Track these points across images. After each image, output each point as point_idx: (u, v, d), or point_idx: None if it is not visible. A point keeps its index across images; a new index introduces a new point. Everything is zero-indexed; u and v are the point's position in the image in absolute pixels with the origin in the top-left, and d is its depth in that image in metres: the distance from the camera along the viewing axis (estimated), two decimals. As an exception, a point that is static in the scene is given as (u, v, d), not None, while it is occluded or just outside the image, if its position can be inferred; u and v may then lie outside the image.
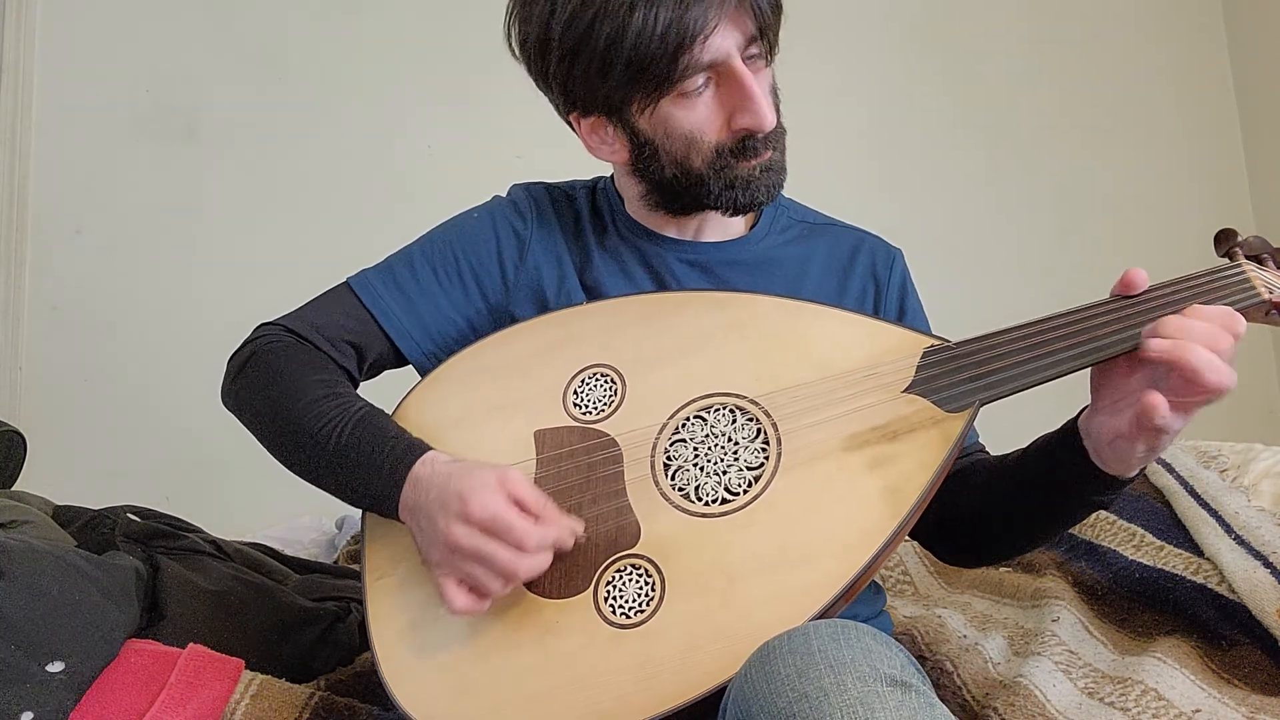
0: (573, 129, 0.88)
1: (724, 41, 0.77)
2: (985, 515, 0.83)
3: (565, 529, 0.70)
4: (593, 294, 0.90)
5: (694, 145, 0.81)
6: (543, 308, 0.89)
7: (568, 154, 0.96)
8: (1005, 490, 0.80)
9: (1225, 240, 0.80)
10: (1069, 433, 0.74)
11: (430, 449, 0.75)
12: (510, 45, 0.85)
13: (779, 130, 0.83)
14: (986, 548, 0.88)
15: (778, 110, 0.84)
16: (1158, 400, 0.63)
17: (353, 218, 2.12)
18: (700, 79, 0.78)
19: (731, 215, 0.88)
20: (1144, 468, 0.72)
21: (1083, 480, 0.73)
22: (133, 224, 2.06)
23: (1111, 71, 2.50)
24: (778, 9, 0.80)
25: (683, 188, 0.85)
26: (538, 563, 0.68)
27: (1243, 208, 2.47)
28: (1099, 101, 2.48)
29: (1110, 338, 0.69)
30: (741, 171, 0.82)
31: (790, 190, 1.03)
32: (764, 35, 0.79)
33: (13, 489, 1.28)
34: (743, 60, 0.79)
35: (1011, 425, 0.87)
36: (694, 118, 0.80)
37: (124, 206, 2.06)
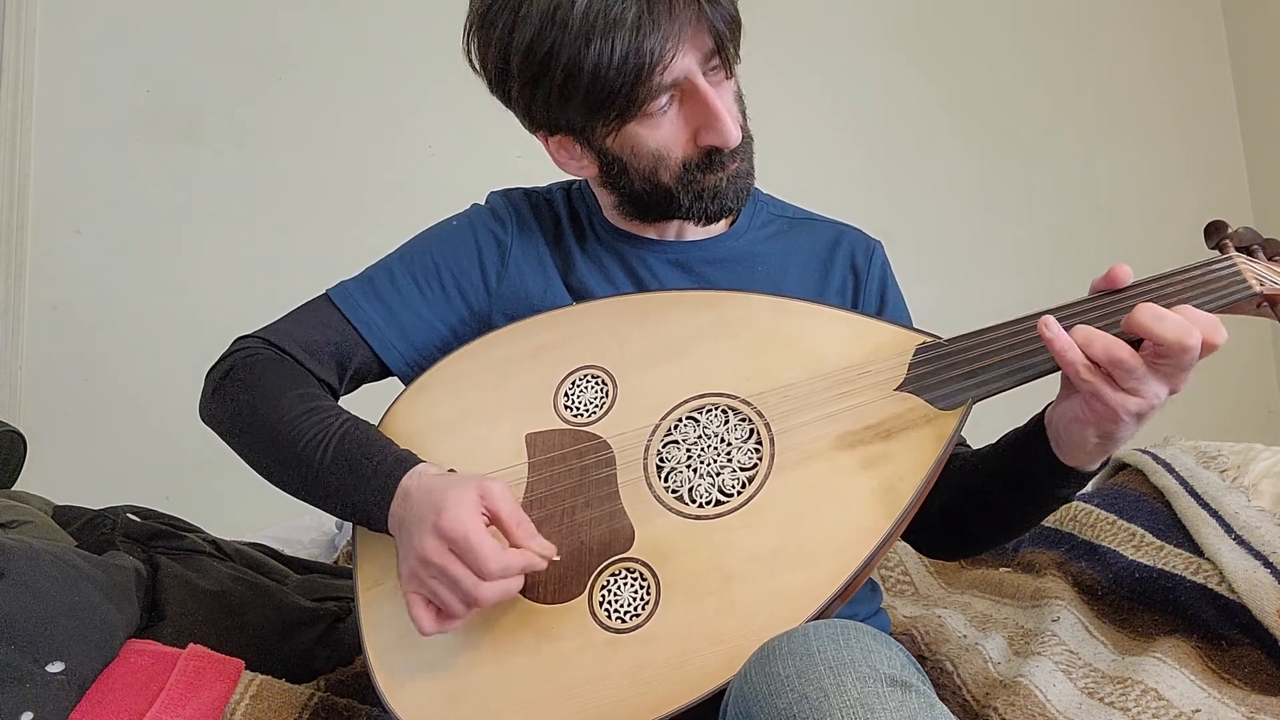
0: (540, 142, 0.88)
1: (684, 62, 0.75)
2: (960, 508, 0.83)
3: (536, 553, 0.69)
4: (577, 297, 0.90)
5: (661, 162, 0.81)
6: (528, 313, 0.88)
7: (566, 154, 0.96)
8: (977, 484, 0.81)
9: (1215, 233, 0.79)
10: (1035, 427, 0.74)
11: (419, 461, 0.75)
12: (470, 61, 0.84)
13: (745, 140, 0.83)
14: (962, 540, 0.89)
15: (745, 117, 0.84)
16: (1045, 319, 0.65)
17: (353, 218, 2.12)
18: (664, 99, 0.77)
19: (704, 224, 0.88)
20: (1103, 461, 0.72)
21: (1043, 471, 0.73)
22: (133, 224, 2.06)
23: (1110, 70, 2.49)
24: (735, 25, 0.79)
25: (653, 201, 0.85)
26: (500, 588, 0.67)
27: (1242, 208, 2.46)
28: (1097, 100, 2.47)
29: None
30: (709, 183, 0.82)
31: (782, 188, 1.03)
32: (723, 50, 0.78)
33: (13, 489, 1.28)
34: (705, 75, 0.78)
35: (1005, 421, 0.87)
36: (660, 136, 0.80)
37: (124, 206, 2.06)
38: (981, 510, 0.82)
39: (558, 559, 0.70)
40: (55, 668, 0.77)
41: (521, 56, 0.77)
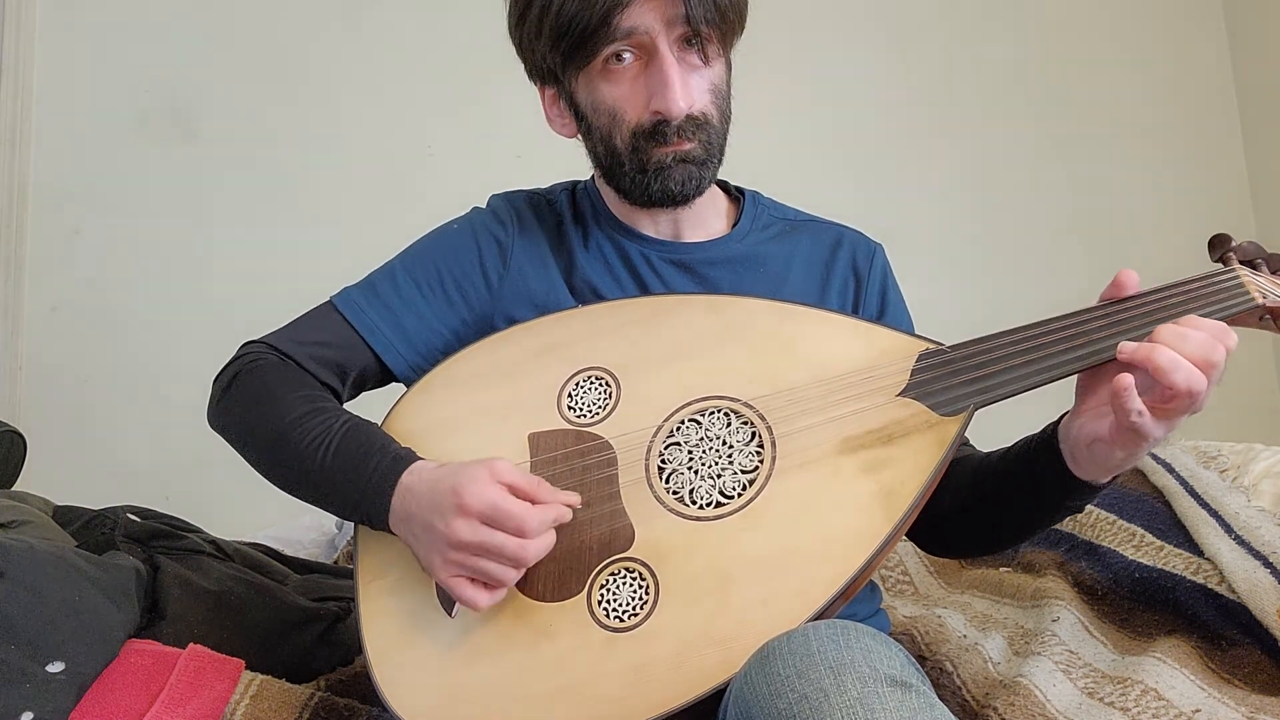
0: (539, 97, 0.91)
1: (645, 17, 0.79)
2: (966, 511, 0.83)
3: (562, 504, 0.71)
4: (580, 296, 0.91)
5: (615, 121, 0.83)
6: (530, 314, 0.89)
7: (568, 154, 0.96)
8: (986, 489, 0.81)
9: (1219, 245, 0.80)
10: (1048, 436, 0.74)
11: (417, 459, 0.75)
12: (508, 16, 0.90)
13: (701, 125, 0.83)
14: (967, 542, 0.89)
15: (722, 114, 0.85)
16: (1124, 379, 0.63)
17: (353, 218, 2.12)
18: (626, 54, 0.81)
19: (649, 206, 0.89)
20: (1116, 477, 0.72)
21: (1057, 485, 0.73)
22: (133, 224, 2.06)
23: (1112, 75, 2.49)
24: (720, 14, 0.81)
25: (607, 168, 0.87)
26: (543, 544, 0.69)
27: (1243, 210, 2.46)
28: (1100, 105, 2.47)
29: (1105, 342, 0.69)
30: (655, 157, 0.83)
31: (783, 190, 1.04)
32: (693, 26, 0.79)
33: (13, 489, 1.28)
34: (676, 50, 0.80)
35: (1006, 426, 0.87)
36: (617, 93, 0.82)
37: (124, 207, 2.06)
38: (990, 514, 0.83)
39: (580, 506, 0.72)
40: (55, 668, 0.77)
41: None
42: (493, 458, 0.72)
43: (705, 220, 0.94)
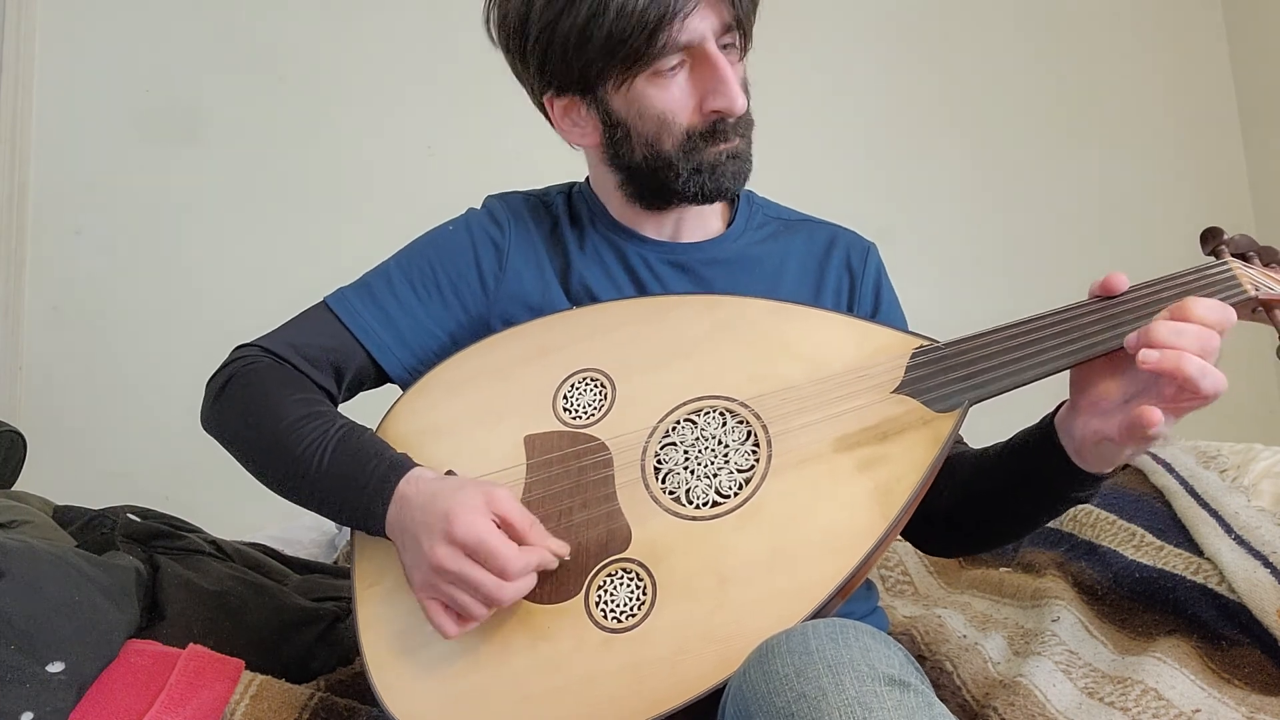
0: (546, 114, 0.89)
1: (701, 24, 0.79)
2: (964, 509, 0.83)
3: (549, 551, 0.70)
4: (575, 298, 0.90)
5: (665, 126, 0.83)
6: (525, 316, 0.89)
7: (568, 154, 0.96)
8: (984, 485, 0.81)
9: (1211, 238, 0.80)
10: (1046, 430, 0.74)
11: (415, 466, 0.75)
12: (488, 28, 0.87)
13: (748, 120, 0.85)
14: (966, 540, 0.89)
15: (749, 103, 0.85)
16: (1154, 414, 0.62)
17: (353, 218, 2.12)
18: (675, 59, 0.80)
19: (699, 203, 0.88)
20: (1125, 464, 0.72)
21: (1061, 478, 0.73)
22: (133, 224, 2.06)
23: (1111, 73, 2.49)
24: (754, 7, 0.82)
25: (651, 171, 0.86)
26: (520, 587, 0.68)
27: (1243, 208, 2.46)
28: (1099, 102, 2.47)
29: (1099, 336, 0.69)
30: (709, 156, 0.84)
31: (783, 188, 1.04)
32: (740, 26, 0.81)
33: (13, 489, 1.28)
34: (718, 47, 0.81)
35: (1000, 421, 0.87)
36: (667, 98, 0.82)
37: (124, 206, 2.06)
38: (992, 511, 0.82)
39: (568, 557, 0.71)
40: (55, 668, 0.77)
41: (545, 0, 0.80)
42: (493, 485, 0.71)
43: (705, 220, 0.95)
